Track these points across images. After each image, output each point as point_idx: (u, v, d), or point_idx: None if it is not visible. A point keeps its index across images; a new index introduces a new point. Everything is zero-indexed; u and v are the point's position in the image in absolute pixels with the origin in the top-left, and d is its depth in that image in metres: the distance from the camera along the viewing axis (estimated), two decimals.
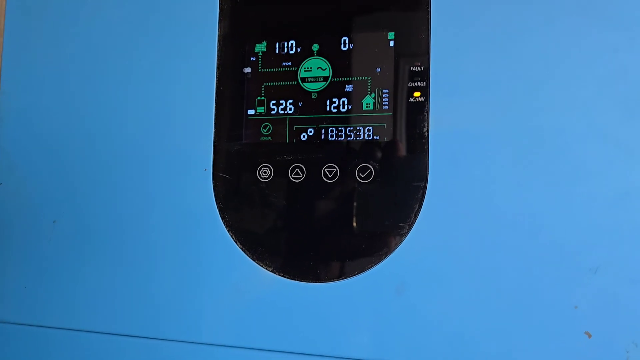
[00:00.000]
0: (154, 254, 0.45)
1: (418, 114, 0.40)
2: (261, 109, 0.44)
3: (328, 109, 0.43)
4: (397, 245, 0.40)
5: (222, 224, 0.44)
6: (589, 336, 0.36)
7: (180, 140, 0.45)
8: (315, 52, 0.43)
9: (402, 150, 0.41)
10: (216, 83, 0.45)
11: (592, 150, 0.37)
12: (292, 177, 0.43)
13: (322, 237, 0.42)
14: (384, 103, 0.42)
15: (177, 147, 0.45)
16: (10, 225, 0.50)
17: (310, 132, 0.43)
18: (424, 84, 0.41)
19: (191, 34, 0.46)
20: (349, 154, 0.42)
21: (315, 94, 0.43)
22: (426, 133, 0.40)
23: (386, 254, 0.40)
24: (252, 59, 0.45)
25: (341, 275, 0.41)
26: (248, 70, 0.45)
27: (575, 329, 0.36)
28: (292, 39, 0.44)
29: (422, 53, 0.41)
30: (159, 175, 0.46)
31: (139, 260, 0.46)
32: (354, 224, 0.41)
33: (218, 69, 0.45)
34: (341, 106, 0.42)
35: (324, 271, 0.41)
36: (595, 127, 0.37)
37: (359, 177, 0.41)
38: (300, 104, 0.43)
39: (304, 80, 0.44)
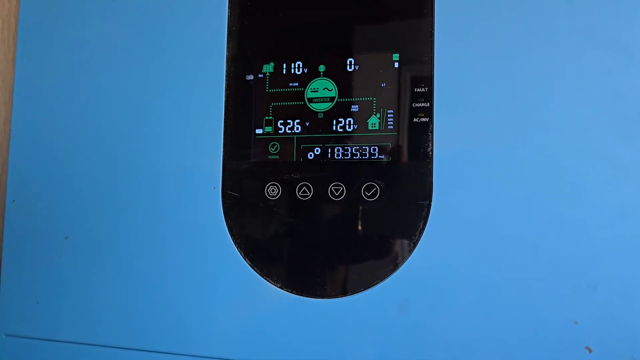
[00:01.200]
0: (165, 269, 0.46)
1: (422, 133, 0.42)
2: (269, 129, 0.45)
3: (334, 128, 0.44)
4: (402, 262, 0.41)
5: (231, 241, 0.45)
6: (590, 351, 0.37)
7: (191, 159, 0.46)
8: (321, 73, 0.45)
9: (407, 169, 0.42)
10: (225, 103, 0.46)
11: (591, 169, 0.38)
12: (300, 195, 0.44)
13: (329, 254, 0.43)
14: (389, 123, 0.43)
15: (187, 166, 0.46)
16: (22, 241, 0.51)
17: (317, 151, 0.44)
18: (428, 105, 0.42)
19: (200, 55, 0.47)
20: (355, 173, 0.43)
21: (322, 114, 0.44)
22: (430, 152, 0.41)
23: (392, 271, 0.41)
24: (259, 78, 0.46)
25: (347, 291, 0.42)
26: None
27: (576, 344, 0.37)
28: (299, 60, 0.45)
29: (426, 74, 0.42)
30: (170, 193, 0.46)
31: (149, 275, 0.47)
32: (360, 241, 0.42)
33: (226, 89, 0.46)
34: (347, 126, 0.44)
35: (331, 287, 0.42)
36: (593, 147, 0.38)
37: (364, 195, 0.43)
38: (307, 124, 0.45)
39: (310, 100, 0.45)
